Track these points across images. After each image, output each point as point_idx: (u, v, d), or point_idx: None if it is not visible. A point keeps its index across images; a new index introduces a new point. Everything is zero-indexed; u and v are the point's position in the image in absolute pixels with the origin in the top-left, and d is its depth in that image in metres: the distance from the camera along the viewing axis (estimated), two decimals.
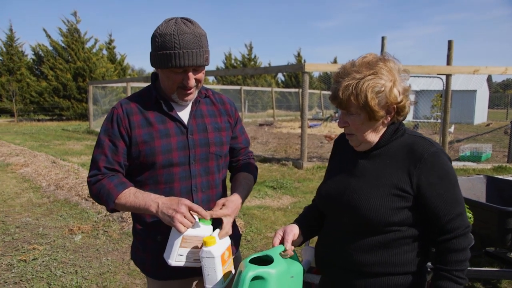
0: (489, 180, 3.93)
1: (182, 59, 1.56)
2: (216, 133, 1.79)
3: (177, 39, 1.56)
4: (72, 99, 26.64)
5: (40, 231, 5.05)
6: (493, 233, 2.98)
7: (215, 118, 1.82)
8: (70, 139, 15.69)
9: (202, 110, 1.80)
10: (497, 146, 13.02)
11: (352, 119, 1.44)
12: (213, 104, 1.85)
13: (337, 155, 1.70)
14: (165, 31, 1.57)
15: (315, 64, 9.59)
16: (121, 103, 1.72)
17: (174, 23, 1.59)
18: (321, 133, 17.17)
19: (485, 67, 9.45)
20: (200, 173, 1.74)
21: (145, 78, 19.65)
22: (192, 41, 1.58)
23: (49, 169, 8.80)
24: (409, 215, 1.41)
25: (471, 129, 21.88)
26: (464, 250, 1.39)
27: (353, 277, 1.49)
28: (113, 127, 1.67)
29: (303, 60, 43.24)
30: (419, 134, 1.51)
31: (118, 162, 1.68)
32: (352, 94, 1.38)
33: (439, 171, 1.39)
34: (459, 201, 1.41)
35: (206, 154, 1.75)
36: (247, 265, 1.38)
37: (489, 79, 31.38)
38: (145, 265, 1.80)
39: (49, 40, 27.11)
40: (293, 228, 1.59)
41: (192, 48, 1.57)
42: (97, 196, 1.66)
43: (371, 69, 1.38)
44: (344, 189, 1.50)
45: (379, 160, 1.48)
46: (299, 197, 6.79)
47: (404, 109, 1.44)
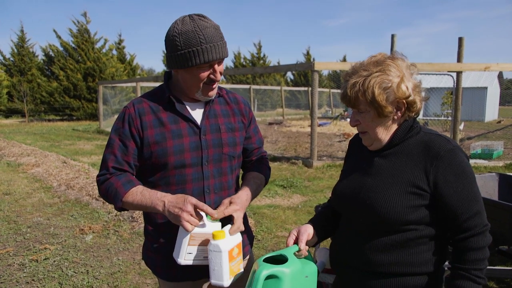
0: (502, 177, 3.89)
1: (210, 54, 1.55)
2: (229, 133, 1.77)
3: (201, 34, 1.53)
4: (82, 99, 26.86)
5: (51, 231, 5.09)
6: (506, 231, 2.95)
7: (228, 118, 1.79)
8: (80, 139, 15.82)
9: (216, 110, 1.77)
10: (509, 144, 12.87)
11: (362, 117, 1.44)
12: (227, 103, 1.83)
13: (352, 155, 1.69)
14: (184, 29, 1.54)
15: (324, 63, 9.56)
16: (133, 102, 1.70)
17: (190, 20, 1.56)
18: (330, 132, 17.12)
19: (496, 64, 9.34)
20: (213, 174, 1.72)
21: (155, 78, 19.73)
22: (214, 34, 1.56)
23: (60, 169, 8.87)
24: (426, 213, 1.39)
25: (482, 126, 21.65)
26: (483, 249, 1.36)
27: (368, 277, 1.47)
28: (124, 127, 1.65)
29: (312, 58, 43.15)
30: (435, 131, 1.49)
31: (127, 162, 1.66)
32: (360, 91, 1.39)
33: (456, 169, 1.37)
34: (477, 198, 1.38)
35: (220, 155, 1.73)
36: (261, 264, 1.38)
37: (500, 76, 31.01)
38: (156, 266, 1.80)
39: (59, 40, 27.35)
40: (308, 228, 1.58)
41: (217, 41, 1.56)
42: (105, 195, 1.65)
43: (378, 66, 1.39)
44: (360, 188, 1.49)
45: (394, 158, 1.47)
46: (309, 196, 6.77)
47: (414, 104, 1.43)
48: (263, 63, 40.78)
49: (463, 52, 9.23)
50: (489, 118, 27.14)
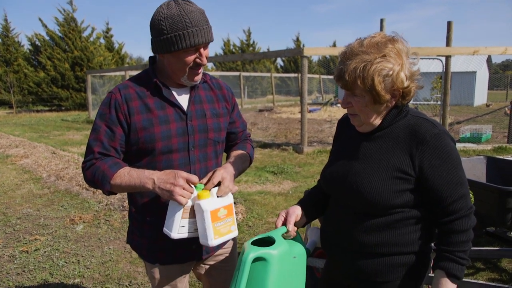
0: (490, 160, 3.92)
1: (196, 38, 1.54)
2: (214, 119, 1.78)
3: (187, 18, 1.53)
4: (70, 89, 26.54)
5: (41, 222, 5.06)
6: (494, 212, 2.98)
7: (213, 104, 1.80)
8: (69, 129, 15.68)
9: (201, 95, 1.77)
10: (497, 127, 13.00)
11: (356, 101, 1.41)
12: (211, 89, 1.84)
13: (340, 137, 1.70)
14: (170, 13, 1.53)
15: (314, 48, 9.52)
16: (119, 88, 1.68)
17: (175, 4, 1.55)
18: (321, 118, 17.15)
19: (484, 48, 9.37)
20: (199, 159, 1.73)
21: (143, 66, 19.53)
22: (200, 18, 1.56)
23: (49, 160, 8.80)
24: (412, 197, 1.41)
25: (471, 110, 21.81)
26: (467, 231, 1.39)
27: (358, 257, 1.50)
28: (110, 113, 1.63)
29: (302, 44, 42.95)
30: (422, 115, 1.48)
31: (114, 148, 1.64)
32: (359, 77, 1.35)
33: (441, 153, 1.38)
34: (462, 182, 1.40)
35: (205, 140, 1.74)
36: (249, 247, 1.39)
37: (489, 60, 31.19)
38: (142, 250, 1.81)
39: (45, 29, 26.95)
40: (296, 210, 1.61)
41: (203, 25, 1.56)
42: (92, 180, 1.63)
43: (379, 51, 1.35)
44: (347, 171, 1.50)
45: (381, 142, 1.47)
46: (300, 181, 6.79)
47: (410, 93, 1.42)
48: (252, 50, 40.57)
49: (452, 36, 9.25)
50: (478, 102, 27.34)
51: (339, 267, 1.60)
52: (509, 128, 9.63)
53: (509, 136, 9.61)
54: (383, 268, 1.46)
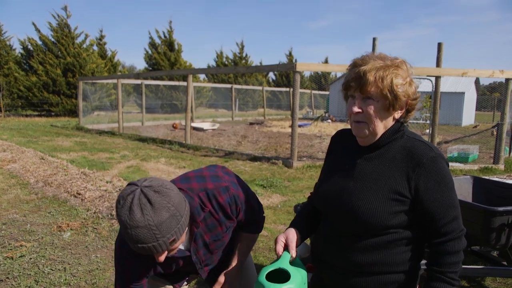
0: (476, 180, 3.99)
1: (141, 252, 1.44)
2: (217, 242, 1.82)
3: (130, 233, 1.37)
4: (61, 94, 26.37)
5: (27, 228, 5.01)
6: (478, 232, 3.03)
7: (215, 230, 1.76)
8: (59, 135, 15.55)
9: (201, 229, 1.73)
10: (484, 148, 13.19)
11: (369, 105, 1.41)
12: (212, 215, 1.72)
13: (334, 153, 1.69)
14: (119, 214, 1.38)
15: (306, 64, 9.62)
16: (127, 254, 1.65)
17: (129, 208, 1.36)
18: (311, 133, 17.23)
19: (473, 70, 9.57)
20: (206, 263, 1.88)
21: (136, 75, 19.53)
22: (146, 236, 1.37)
23: (37, 165, 8.72)
24: (406, 218, 1.43)
25: (459, 130, 22.10)
26: (458, 253, 1.42)
27: (351, 276, 1.51)
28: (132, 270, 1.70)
29: (294, 59, 43.33)
30: (419, 137, 1.51)
31: None
32: (380, 77, 1.38)
33: (436, 176, 1.41)
34: (455, 205, 1.44)
35: (210, 256, 1.87)
36: (267, 284, 1.38)
37: (477, 82, 31.70)
38: None
39: (38, 34, 26.79)
40: (295, 234, 1.59)
41: (148, 242, 1.38)
42: None
43: (392, 62, 1.41)
44: (342, 191, 1.50)
45: (378, 162, 1.48)
46: (289, 196, 6.82)
47: (414, 109, 1.48)
48: (245, 63, 40.76)
49: (442, 57, 9.44)
50: (466, 122, 27.73)
51: (330, 285, 1.61)
52: (495, 149, 9.79)
53: (495, 157, 9.76)
54: (375, 287, 1.48)
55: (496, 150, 9.73)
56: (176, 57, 32.89)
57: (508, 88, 9.64)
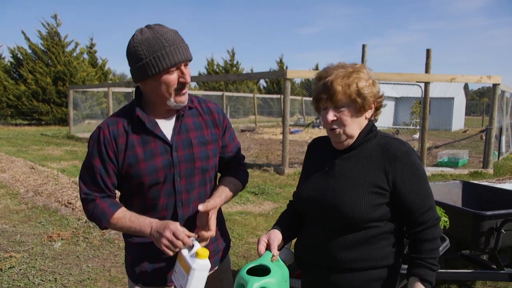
0: (465, 185, 4.04)
1: (175, 56, 1.53)
2: (201, 147, 1.75)
3: (162, 38, 1.52)
4: (51, 103, 26.20)
5: (17, 238, 4.96)
6: (468, 236, 3.07)
7: (201, 131, 1.76)
8: (49, 144, 15.44)
9: (187, 123, 1.74)
10: (473, 152, 13.32)
11: (342, 111, 1.50)
12: (200, 115, 1.79)
13: (311, 159, 1.77)
14: (145, 37, 1.53)
15: (297, 71, 9.68)
16: (107, 124, 1.68)
17: (147, 29, 1.56)
18: (302, 139, 17.29)
19: (461, 76, 9.68)
20: (186, 189, 1.72)
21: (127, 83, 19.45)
22: (175, 37, 1.56)
23: (27, 175, 8.65)
24: (387, 210, 1.52)
25: (449, 135, 22.31)
26: (435, 240, 1.52)
27: (333, 274, 1.58)
28: (100, 150, 1.65)
29: (285, 66, 43.52)
30: (389, 135, 1.63)
31: (111, 183, 1.69)
32: (346, 85, 1.47)
33: (411, 168, 1.52)
34: (429, 195, 1.54)
35: (192, 170, 1.72)
36: (248, 278, 1.42)
37: (466, 87, 32.12)
38: (129, 267, 1.83)
39: (28, 43, 26.64)
40: (277, 234, 1.65)
41: (179, 43, 1.56)
42: (91, 215, 1.69)
43: (353, 68, 1.52)
44: (325, 190, 1.58)
45: (355, 160, 1.57)
46: (281, 202, 6.83)
47: (381, 107, 1.59)
48: (236, 70, 40.84)
49: (431, 63, 9.56)
50: (455, 127, 28.00)
51: (315, 284, 1.67)
52: (484, 154, 9.90)
53: (484, 162, 9.86)
54: (359, 284, 1.55)
55: (485, 154, 9.84)
56: None
57: (496, 93, 9.77)
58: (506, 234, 2.99)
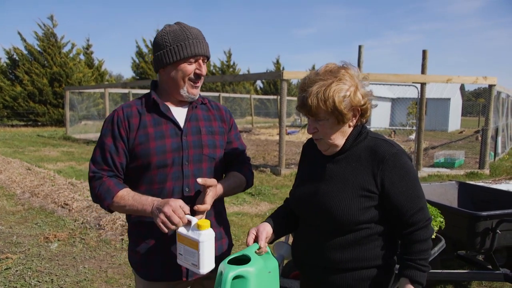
0: (461, 185, 4.06)
1: (196, 48, 1.70)
2: (209, 136, 1.84)
3: (187, 31, 1.71)
4: (48, 104, 26.14)
5: (14, 239, 4.95)
6: (464, 236, 3.08)
7: (209, 122, 1.88)
8: (45, 145, 15.40)
9: (198, 114, 1.86)
10: (470, 153, 13.36)
11: (321, 125, 1.52)
12: (209, 110, 1.93)
13: (305, 160, 1.78)
14: (172, 29, 1.72)
15: (293, 72, 9.69)
16: (122, 106, 1.81)
17: (176, 24, 1.75)
18: (299, 140, 17.30)
19: (457, 76, 9.73)
20: (193, 174, 1.77)
21: (123, 84, 19.46)
22: (198, 33, 1.74)
23: (24, 176, 8.63)
24: (376, 213, 1.52)
25: (445, 136, 22.37)
26: (426, 241, 1.52)
27: (327, 273, 1.59)
28: (113, 129, 1.74)
29: (281, 67, 43.54)
30: (380, 136, 1.62)
31: (120, 163, 1.75)
32: (321, 100, 1.46)
33: (400, 171, 1.51)
34: (419, 196, 1.53)
35: (200, 156, 1.79)
36: (227, 266, 1.44)
37: (462, 88, 32.19)
38: (136, 264, 1.84)
39: (24, 43, 26.57)
40: (266, 227, 1.67)
41: (201, 39, 1.74)
42: (96, 193, 1.72)
43: (335, 76, 1.48)
44: (315, 193, 1.59)
45: (345, 163, 1.58)
46: (277, 203, 6.83)
47: (367, 111, 1.56)
48: (233, 71, 40.84)
49: (427, 64, 9.58)
50: (452, 128, 28.09)
51: (311, 283, 1.69)
52: (480, 154, 9.93)
53: (481, 162, 9.90)
54: (352, 282, 1.56)
55: (482, 155, 9.88)
56: None
57: (492, 94, 9.81)
58: (501, 235, 3.00)
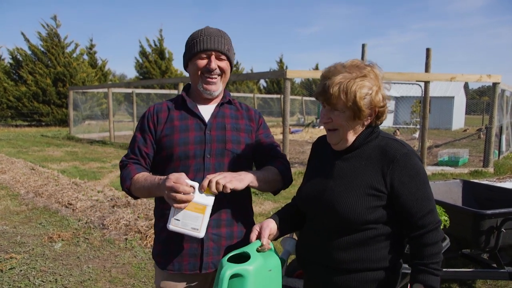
0: (465, 184, 4.04)
1: (205, 43, 1.78)
2: (234, 132, 1.87)
3: (203, 30, 1.83)
4: (52, 104, 26.21)
5: (18, 239, 4.96)
6: (469, 235, 3.06)
7: (236, 120, 1.92)
8: (49, 145, 15.44)
9: (225, 112, 1.91)
10: (474, 151, 13.31)
11: (337, 115, 1.49)
12: (237, 110, 1.97)
13: (315, 158, 1.77)
14: (195, 31, 1.85)
15: (297, 71, 9.67)
16: (155, 104, 1.96)
17: (205, 27, 1.86)
18: (302, 139, 17.29)
19: (461, 75, 9.68)
20: (214, 167, 1.79)
21: (127, 84, 19.48)
22: (215, 32, 1.82)
23: (28, 176, 8.65)
24: (384, 213, 1.49)
25: (449, 134, 22.30)
26: (437, 244, 1.48)
27: (332, 273, 1.56)
28: (143, 123, 1.90)
29: (285, 66, 43.49)
30: (392, 136, 1.59)
31: (146, 153, 1.87)
32: (342, 91, 1.44)
33: (410, 171, 1.48)
34: (429, 198, 1.50)
35: (222, 150, 1.82)
36: (225, 264, 1.42)
37: (466, 86, 32.11)
38: (157, 256, 1.89)
39: (28, 44, 26.63)
40: (270, 223, 1.65)
41: (215, 36, 1.80)
42: (121, 177, 1.87)
43: (360, 72, 1.46)
44: (323, 190, 1.57)
45: (354, 161, 1.55)
46: (281, 202, 6.82)
47: (383, 114, 1.53)
48: (236, 70, 40.79)
49: (431, 63, 9.55)
50: (456, 126, 27.97)
51: (315, 283, 1.66)
52: (485, 153, 9.89)
53: (485, 160, 9.86)
54: (357, 284, 1.53)
55: (486, 153, 9.83)
56: (167, 65, 32.82)
57: (496, 92, 9.76)
58: (506, 233, 2.98)
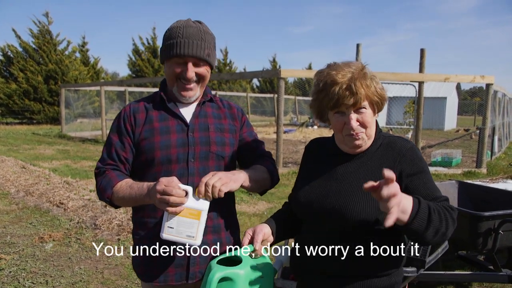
0: (461, 185, 4.03)
1: (182, 48, 1.62)
2: (218, 133, 1.78)
3: (181, 30, 1.64)
4: (43, 102, 25.96)
5: (7, 239, 4.88)
6: (465, 237, 3.05)
7: (219, 120, 1.83)
8: (41, 143, 15.29)
9: (207, 112, 1.81)
10: (466, 152, 13.38)
11: (363, 115, 1.45)
12: (219, 108, 1.88)
13: (310, 161, 1.69)
14: (173, 25, 1.68)
15: (290, 70, 9.64)
16: (130, 103, 1.82)
17: (184, 20, 1.70)
18: (296, 139, 17.28)
19: (455, 75, 9.70)
20: (198, 172, 1.69)
21: (119, 82, 19.37)
22: (195, 33, 1.64)
23: (18, 175, 8.54)
24: None
25: (442, 135, 22.42)
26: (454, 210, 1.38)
27: (334, 282, 1.49)
28: (119, 124, 1.74)
29: (278, 65, 43.52)
30: (391, 134, 1.60)
31: (125, 158, 1.73)
32: (366, 86, 1.41)
33: (418, 164, 1.47)
34: (437, 188, 1.47)
35: (206, 153, 1.73)
36: (215, 266, 1.37)
37: (458, 87, 32.30)
38: (139, 268, 1.79)
39: (19, 41, 26.35)
40: (263, 228, 1.57)
41: (194, 39, 1.63)
42: (99, 186, 1.71)
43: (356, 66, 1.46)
44: (327, 193, 1.50)
45: (359, 162, 1.51)
46: (275, 202, 6.79)
47: (382, 109, 1.54)
48: (229, 70, 40.76)
49: (425, 63, 9.57)
50: (448, 127, 28.15)
51: None
52: (478, 153, 9.93)
53: (478, 161, 9.90)
54: None
55: (479, 154, 9.87)
56: (160, 63, 32.71)
57: (489, 93, 9.80)
58: (504, 235, 2.97)
